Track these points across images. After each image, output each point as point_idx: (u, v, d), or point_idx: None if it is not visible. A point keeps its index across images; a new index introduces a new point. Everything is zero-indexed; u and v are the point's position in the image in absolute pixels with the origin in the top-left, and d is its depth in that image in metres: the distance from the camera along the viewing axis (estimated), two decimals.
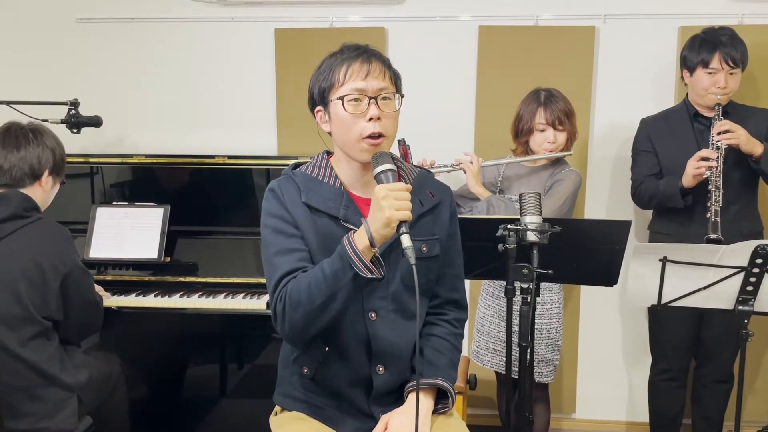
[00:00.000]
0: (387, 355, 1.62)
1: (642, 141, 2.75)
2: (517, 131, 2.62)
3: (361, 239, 1.44)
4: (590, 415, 3.28)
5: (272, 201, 1.60)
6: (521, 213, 1.86)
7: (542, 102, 2.54)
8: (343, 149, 1.61)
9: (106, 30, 3.25)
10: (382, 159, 1.50)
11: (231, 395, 2.90)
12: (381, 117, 1.54)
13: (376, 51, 1.61)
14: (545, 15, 3.05)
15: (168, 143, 3.23)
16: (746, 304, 2.03)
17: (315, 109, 1.64)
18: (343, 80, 1.55)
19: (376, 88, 1.55)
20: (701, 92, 2.58)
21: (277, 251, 1.56)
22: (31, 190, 2.14)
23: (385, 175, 1.47)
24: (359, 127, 1.54)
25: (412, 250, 1.40)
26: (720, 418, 2.80)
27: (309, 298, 1.48)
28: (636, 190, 2.75)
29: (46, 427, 2.04)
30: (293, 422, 1.66)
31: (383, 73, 1.57)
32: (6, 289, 2.00)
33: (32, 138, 2.15)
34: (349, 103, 1.54)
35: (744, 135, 2.46)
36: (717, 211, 2.39)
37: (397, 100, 1.59)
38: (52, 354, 2.07)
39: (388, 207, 1.41)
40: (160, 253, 2.73)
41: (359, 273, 1.43)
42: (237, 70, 3.23)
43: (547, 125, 2.53)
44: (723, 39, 2.53)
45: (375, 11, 3.13)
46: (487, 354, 2.64)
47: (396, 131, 1.61)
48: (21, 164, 2.12)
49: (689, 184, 2.51)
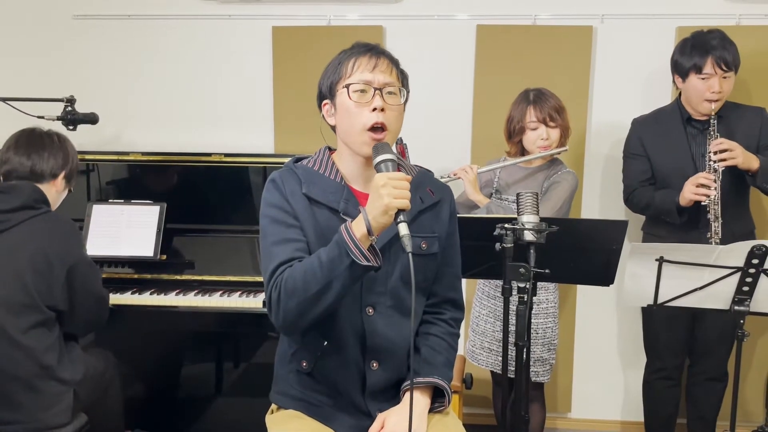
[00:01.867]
0: (382, 351, 1.62)
1: (634, 144, 2.73)
2: (509, 132, 2.62)
3: (359, 227, 1.44)
4: (585, 414, 3.29)
5: (272, 191, 1.61)
6: (518, 212, 1.86)
7: (532, 100, 2.54)
8: (346, 141, 1.61)
9: (103, 27, 3.24)
10: (383, 149, 1.51)
11: (227, 393, 2.90)
12: (385, 109, 1.55)
13: (387, 51, 1.63)
14: (543, 14, 3.06)
15: (164, 141, 3.22)
16: (742, 305, 2.04)
17: (322, 103, 1.65)
18: (351, 71, 1.57)
19: (382, 81, 1.57)
20: (696, 99, 2.55)
21: (275, 241, 1.56)
22: (46, 187, 2.20)
23: (384, 165, 1.48)
24: (363, 117, 1.55)
25: (410, 238, 1.40)
26: (714, 416, 2.80)
27: (304, 285, 1.47)
28: (629, 196, 2.73)
29: (39, 419, 2.06)
30: (290, 420, 1.66)
31: (390, 68, 1.60)
32: (12, 275, 2.03)
33: (57, 141, 2.27)
34: (355, 92, 1.56)
35: (741, 154, 2.43)
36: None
37: (402, 96, 1.60)
38: (50, 345, 2.09)
39: (387, 195, 1.41)
40: (156, 250, 2.72)
41: (356, 260, 1.43)
42: (234, 67, 3.22)
43: (539, 123, 2.52)
44: (714, 43, 2.49)
45: (373, 9, 3.12)
46: (483, 353, 2.64)
47: (399, 127, 1.62)
48: (41, 164, 2.21)
49: (686, 204, 2.50)
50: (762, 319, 2.63)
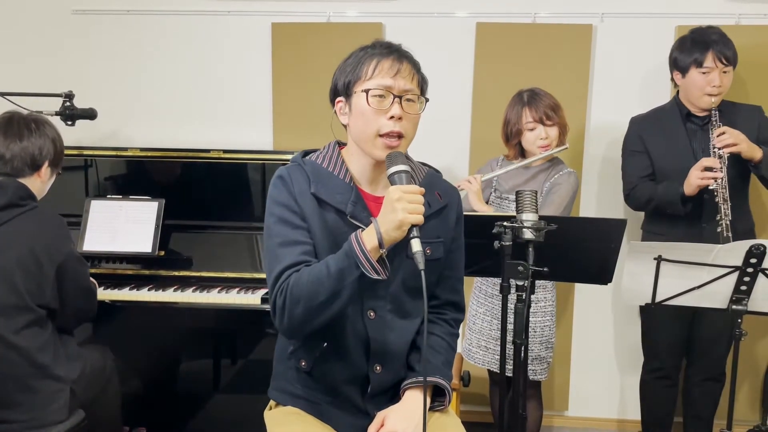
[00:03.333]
0: (384, 354, 1.62)
1: (633, 141, 2.73)
2: (507, 135, 2.61)
3: (370, 239, 1.43)
4: (582, 412, 3.29)
5: (281, 189, 1.57)
6: (517, 210, 1.86)
7: (526, 101, 2.53)
8: (359, 143, 1.59)
9: (102, 22, 3.23)
10: (397, 159, 1.49)
11: (225, 390, 2.90)
12: (402, 117, 1.54)
13: (409, 53, 1.60)
14: (543, 12, 3.05)
15: (163, 137, 3.22)
16: (740, 304, 2.04)
17: (336, 100, 1.63)
18: (372, 74, 1.54)
19: (402, 88, 1.54)
20: (697, 93, 2.56)
21: (281, 242, 1.53)
22: (30, 181, 2.15)
23: (399, 176, 1.47)
24: (379, 123, 1.53)
25: (422, 255, 1.39)
26: (711, 416, 2.81)
27: (311, 294, 1.46)
28: (630, 192, 2.73)
29: (36, 417, 2.04)
30: (288, 417, 1.65)
31: (412, 74, 1.57)
32: (1, 276, 2.00)
33: (34, 128, 2.16)
34: (373, 98, 1.53)
35: (745, 142, 2.44)
36: (728, 225, 2.36)
37: (420, 103, 1.58)
38: (45, 343, 2.07)
39: (402, 209, 1.40)
40: (155, 246, 2.72)
41: (365, 273, 1.42)
42: (233, 63, 3.21)
43: (536, 122, 2.52)
44: (714, 38, 2.52)
45: (372, 6, 3.12)
46: (479, 351, 2.64)
47: (414, 134, 1.60)
48: (23, 154, 2.12)
49: (691, 192, 2.48)
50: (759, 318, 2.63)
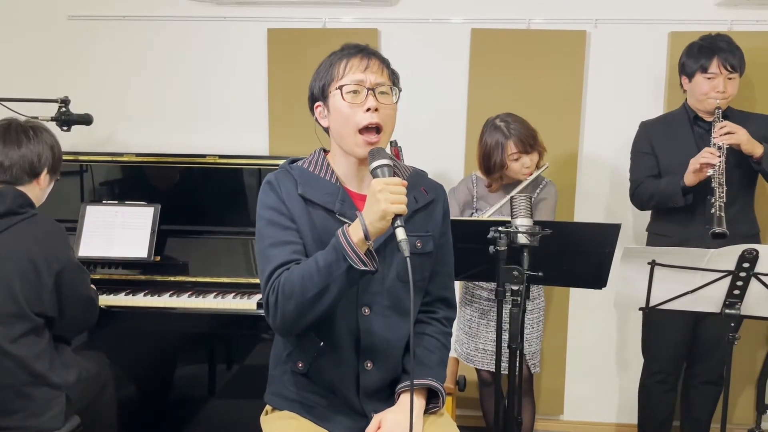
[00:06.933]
0: (376, 351, 1.63)
1: (642, 143, 2.77)
2: (488, 168, 2.55)
3: (356, 232, 1.45)
4: (578, 416, 3.30)
5: (269, 193, 1.61)
6: (512, 216, 1.88)
7: (508, 134, 2.49)
8: (340, 143, 1.62)
9: (98, 27, 3.23)
10: (379, 154, 1.52)
11: (221, 395, 2.89)
12: (379, 108, 1.56)
13: (376, 51, 1.65)
14: (537, 19, 3.07)
15: (159, 142, 3.22)
16: (733, 308, 2.05)
17: (315, 105, 1.66)
18: (343, 73, 1.58)
19: (374, 81, 1.58)
20: (701, 97, 2.60)
21: (272, 243, 1.57)
22: (29, 188, 2.14)
23: (381, 170, 1.50)
24: (357, 118, 1.56)
25: (407, 243, 1.42)
26: (708, 419, 2.82)
27: (302, 289, 1.48)
28: (635, 190, 2.75)
29: (32, 425, 2.04)
30: (284, 421, 1.66)
31: (381, 69, 1.61)
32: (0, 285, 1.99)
33: (32, 135, 2.15)
34: (348, 93, 1.57)
35: (744, 135, 2.48)
36: (721, 206, 2.38)
37: (394, 95, 1.62)
38: (41, 351, 2.06)
39: (384, 200, 1.42)
40: (150, 252, 2.72)
41: (353, 265, 1.44)
42: (229, 69, 3.22)
43: (520, 154, 2.50)
44: (721, 45, 2.57)
45: (368, 12, 3.13)
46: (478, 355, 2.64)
47: (393, 126, 1.63)
48: (21, 162, 2.12)
49: (691, 181, 2.50)
50: (754, 322, 2.65)
